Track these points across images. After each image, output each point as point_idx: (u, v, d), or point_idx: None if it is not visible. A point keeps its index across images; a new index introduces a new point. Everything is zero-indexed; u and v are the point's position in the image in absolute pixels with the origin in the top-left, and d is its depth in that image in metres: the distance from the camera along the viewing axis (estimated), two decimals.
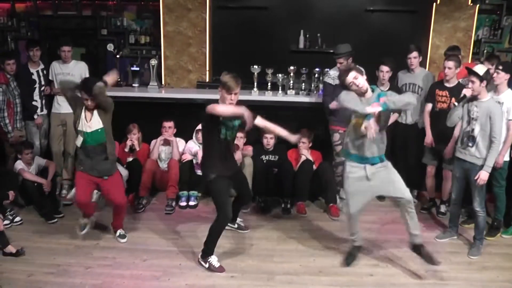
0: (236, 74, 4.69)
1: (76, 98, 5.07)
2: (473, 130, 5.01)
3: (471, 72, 4.91)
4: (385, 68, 6.16)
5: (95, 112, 5.07)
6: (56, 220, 5.95)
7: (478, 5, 7.96)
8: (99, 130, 5.06)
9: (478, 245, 5.24)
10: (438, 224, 6.05)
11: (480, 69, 4.89)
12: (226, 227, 5.02)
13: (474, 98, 5.01)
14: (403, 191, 4.67)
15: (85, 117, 5.04)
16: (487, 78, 4.86)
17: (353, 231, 4.97)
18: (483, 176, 4.94)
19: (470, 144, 5.03)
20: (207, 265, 4.81)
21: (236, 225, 5.70)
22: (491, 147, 4.91)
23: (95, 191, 5.76)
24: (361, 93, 4.51)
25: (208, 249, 4.82)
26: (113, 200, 5.30)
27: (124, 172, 6.32)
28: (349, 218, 4.89)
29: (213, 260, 4.81)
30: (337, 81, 6.18)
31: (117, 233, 5.47)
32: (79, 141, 5.07)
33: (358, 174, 4.63)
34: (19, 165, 6.21)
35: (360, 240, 5.05)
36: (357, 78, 4.49)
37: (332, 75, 6.29)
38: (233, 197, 5.37)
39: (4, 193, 5.81)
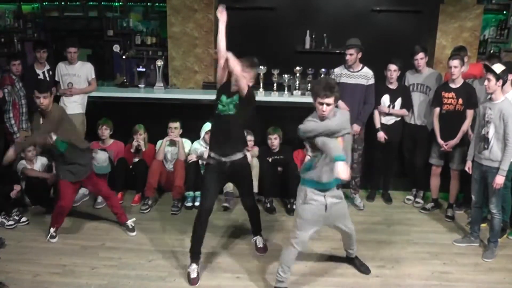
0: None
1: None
2: (488, 132, 4.97)
3: (488, 70, 4.88)
4: (393, 67, 6.15)
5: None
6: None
7: (484, 5, 7.95)
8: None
9: (492, 247, 5.19)
10: (444, 225, 6.03)
11: (498, 67, 4.84)
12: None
13: (488, 100, 4.99)
14: (350, 226, 4.59)
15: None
16: (503, 78, 4.81)
17: (289, 265, 4.43)
18: (498, 180, 4.89)
19: (485, 146, 4.99)
20: (187, 271, 4.67)
21: (252, 241, 5.31)
22: (505, 150, 4.85)
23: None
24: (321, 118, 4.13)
25: (192, 247, 4.66)
26: (99, 192, 5.64)
27: (102, 156, 6.36)
28: (292, 253, 4.38)
29: (192, 269, 4.62)
30: (340, 79, 6.19)
31: (127, 225, 5.59)
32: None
33: (318, 202, 4.20)
34: (22, 164, 6.26)
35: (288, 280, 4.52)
36: (330, 106, 4.06)
37: (336, 72, 6.29)
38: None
39: (8, 187, 5.88)
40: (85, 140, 5.72)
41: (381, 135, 6.34)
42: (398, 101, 6.31)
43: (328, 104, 4.04)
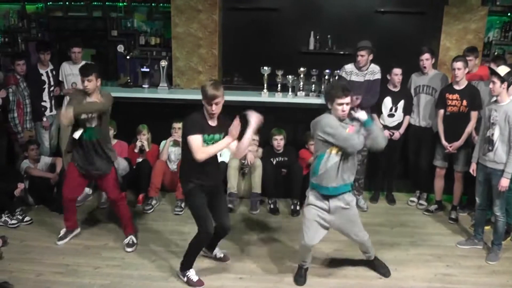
0: (216, 81, 4.54)
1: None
2: (493, 134, 4.95)
3: (492, 72, 4.88)
4: (398, 71, 6.17)
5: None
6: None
7: (488, 7, 7.92)
8: (94, 127, 5.05)
9: (496, 250, 5.17)
10: (448, 227, 6.02)
11: (502, 70, 4.83)
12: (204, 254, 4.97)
13: (494, 101, 4.99)
14: (361, 236, 4.59)
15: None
16: (508, 80, 4.79)
17: (305, 259, 4.70)
18: (503, 183, 4.86)
19: (490, 148, 4.98)
20: (185, 279, 4.60)
21: (213, 254, 5.08)
22: (509, 152, 4.83)
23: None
24: (339, 119, 4.31)
25: (187, 264, 4.61)
26: (107, 194, 5.42)
27: (123, 163, 6.36)
28: (303, 248, 4.59)
29: (191, 274, 4.61)
30: (350, 76, 6.21)
31: (125, 241, 5.33)
32: (78, 133, 4.98)
33: (319, 206, 4.44)
34: (25, 164, 6.28)
35: (309, 264, 4.77)
36: (348, 105, 4.25)
37: (347, 69, 6.30)
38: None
39: (11, 186, 5.89)
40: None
41: (386, 133, 6.31)
42: (401, 104, 6.31)
43: (347, 104, 4.24)
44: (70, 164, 5.24)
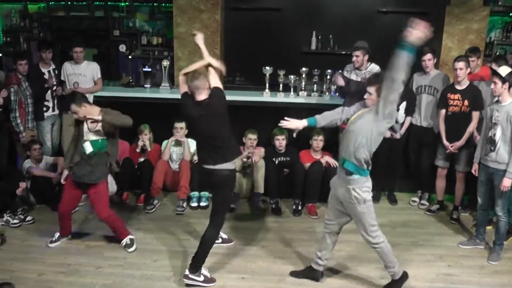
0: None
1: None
2: (494, 134, 4.95)
3: (494, 73, 4.87)
4: None
5: (99, 124, 5.09)
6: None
7: (490, 7, 7.92)
8: (100, 141, 5.09)
9: (497, 250, 5.17)
10: (450, 227, 6.02)
11: (504, 70, 4.83)
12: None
13: (496, 102, 4.99)
14: (363, 235, 4.45)
15: (88, 127, 5.08)
16: (510, 80, 4.78)
17: (320, 249, 4.69)
18: (506, 183, 4.84)
19: (492, 148, 4.97)
20: (202, 278, 4.52)
21: (220, 240, 5.27)
22: None
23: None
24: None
25: (200, 261, 4.53)
26: (96, 213, 5.21)
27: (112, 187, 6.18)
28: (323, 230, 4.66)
29: (205, 271, 4.59)
30: (350, 75, 6.24)
31: (123, 243, 5.27)
32: (88, 148, 5.03)
33: (333, 187, 4.46)
34: (27, 163, 6.29)
35: (318, 264, 4.69)
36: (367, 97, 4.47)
37: (348, 68, 6.39)
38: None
39: (12, 185, 5.88)
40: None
41: (388, 134, 6.27)
42: (403, 105, 6.27)
43: (369, 93, 4.42)
44: (68, 178, 5.22)
